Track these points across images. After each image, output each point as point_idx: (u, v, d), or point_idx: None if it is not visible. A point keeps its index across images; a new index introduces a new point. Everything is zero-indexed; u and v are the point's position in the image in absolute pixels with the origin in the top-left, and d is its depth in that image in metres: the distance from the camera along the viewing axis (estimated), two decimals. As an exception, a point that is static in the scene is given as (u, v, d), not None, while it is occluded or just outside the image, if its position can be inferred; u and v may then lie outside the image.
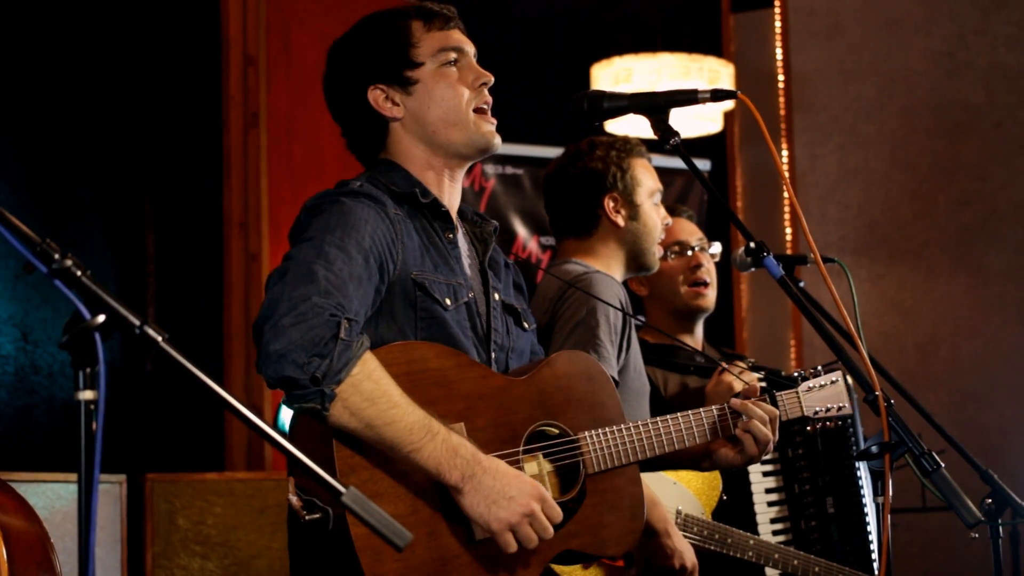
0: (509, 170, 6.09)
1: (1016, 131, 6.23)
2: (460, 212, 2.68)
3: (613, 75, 6.05)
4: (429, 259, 2.48)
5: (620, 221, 3.49)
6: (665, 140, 2.53)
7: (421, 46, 2.57)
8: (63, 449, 4.78)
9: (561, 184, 3.58)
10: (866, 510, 3.85)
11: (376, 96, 2.57)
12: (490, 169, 6.04)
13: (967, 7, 6.36)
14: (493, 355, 2.56)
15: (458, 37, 2.61)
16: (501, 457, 2.35)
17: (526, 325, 2.71)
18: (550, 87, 6.40)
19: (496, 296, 2.62)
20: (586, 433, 2.50)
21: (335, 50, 2.65)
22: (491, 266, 2.67)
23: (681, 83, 5.83)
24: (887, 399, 2.36)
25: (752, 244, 2.51)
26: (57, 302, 4.97)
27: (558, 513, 2.33)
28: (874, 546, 3.84)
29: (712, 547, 3.34)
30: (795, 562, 3.51)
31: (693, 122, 6.20)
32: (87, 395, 1.67)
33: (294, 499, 2.23)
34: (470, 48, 2.62)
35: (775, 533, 3.86)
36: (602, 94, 2.62)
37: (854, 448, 3.87)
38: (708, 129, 6.38)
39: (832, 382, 2.95)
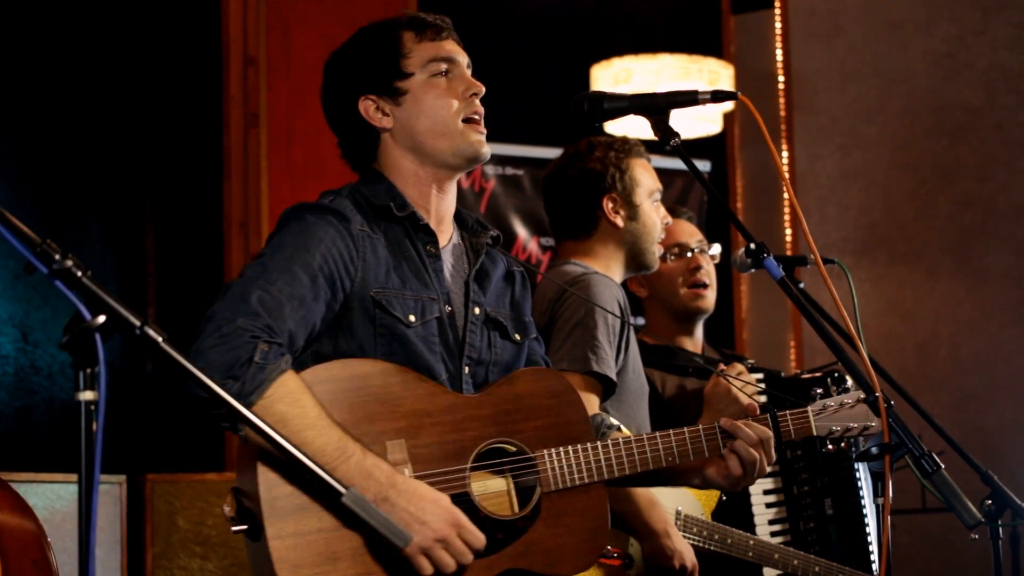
0: (509, 171, 6.09)
1: (1016, 132, 6.23)
2: (462, 220, 2.66)
3: (613, 76, 6.05)
4: (397, 275, 2.47)
5: (619, 222, 3.49)
6: (665, 141, 2.52)
7: (412, 57, 2.56)
8: (63, 449, 4.77)
9: (560, 185, 3.58)
10: (865, 511, 3.85)
11: (367, 107, 2.57)
12: (490, 170, 6.05)
13: (967, 8, 6.36)
14: (467, 369, 2.52)
15: (450, 47, 2.59)
16: (446, 474, 2.34)
17: (517, 337, 2.65)
18: (550, 88, 6.40)
19: (476, 310, 2.58)
20: (545, 451, 2.45)
21: (330, 61, 2.66)
22: (479, 278, 2.63)
23: (681, 84, 5.83)
24: (887, 400, 2.36)
25: (752, 245, 2.51)
26: (57, 302, 4.96)
27: (478, 539, 2.28)
28: (873, 547, 3.84)
29: (712, 547, 3.34)
30: (795, 562, 3.51)
31: (693, 123, 6.20)
32: (87, 395, 1.67)
33: (227, 509, 2.30)
34: (463, 58, 2.60)
35: (773, 534, 3.85)
36: (602, 95, 2.61)
37: (853, 449, 3.86)
38: (708, 130, 6.38)
39: (850, 404, 2.75)
